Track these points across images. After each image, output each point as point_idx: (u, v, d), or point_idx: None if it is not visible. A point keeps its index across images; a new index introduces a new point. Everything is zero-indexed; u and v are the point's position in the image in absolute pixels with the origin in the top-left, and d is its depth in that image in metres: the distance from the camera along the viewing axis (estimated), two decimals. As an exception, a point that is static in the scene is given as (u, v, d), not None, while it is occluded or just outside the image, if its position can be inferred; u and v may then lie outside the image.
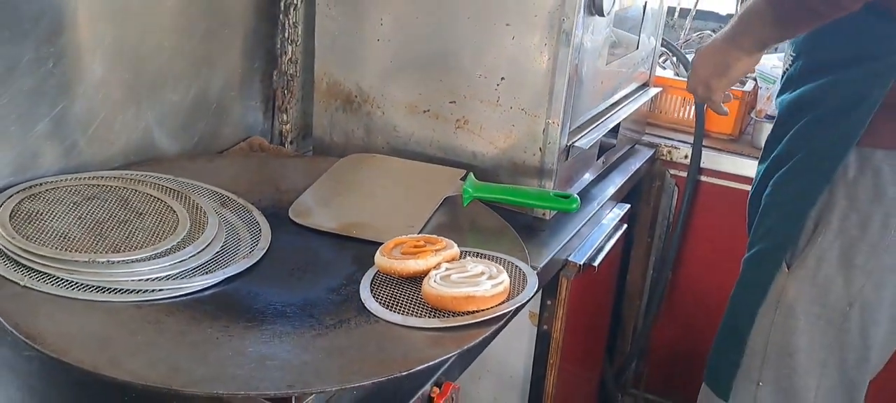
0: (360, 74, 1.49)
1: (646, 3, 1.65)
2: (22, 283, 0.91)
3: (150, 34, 1.31)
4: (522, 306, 1.00)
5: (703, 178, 1.99)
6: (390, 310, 0.97)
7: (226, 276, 1.02)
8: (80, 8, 1.16)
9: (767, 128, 1.90)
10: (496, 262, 1.06)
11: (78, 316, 0.88)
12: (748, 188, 1.93)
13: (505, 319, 0.96)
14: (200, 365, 0.82)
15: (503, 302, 0.98)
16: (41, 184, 1.11)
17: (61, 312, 0.88)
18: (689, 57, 2.02)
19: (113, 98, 1.26)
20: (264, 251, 1.11)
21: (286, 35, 1.58)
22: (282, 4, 1.55)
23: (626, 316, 2.17)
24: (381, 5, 1.44)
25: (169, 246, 1.03)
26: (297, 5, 1.56)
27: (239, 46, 1.51)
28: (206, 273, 1.01)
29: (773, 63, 2.00)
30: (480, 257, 1.08)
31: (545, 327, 1.47)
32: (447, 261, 1.04)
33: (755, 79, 2.01)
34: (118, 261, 0.97)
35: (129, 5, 1.25)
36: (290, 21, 1.57)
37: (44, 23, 1.11)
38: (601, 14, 1.33)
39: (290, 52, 1.59)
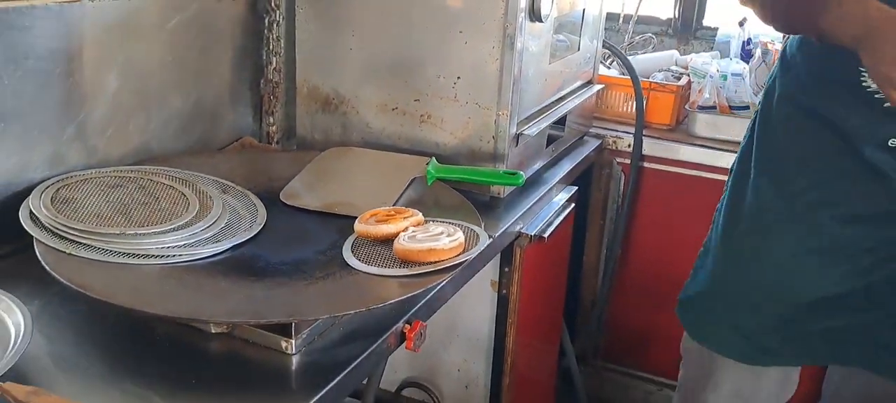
0: (337, 80, 1.72)
1: (584, 9, 1.89)
2: (68, 252, 1.12)
3: (155, 52, 1.53)
4: (474, 258, 1.23)
5: (646, 164, 2.23)
6: (367, 264, 1.20)
7: (231, 244, 1.24)
8: (96, 32, 1.38)
9: (700, 116, 2.17)
10: (454, 226, 1.29)
11: (115, 274, 1.10)
12: (687, 172, 2.20)
13: (460, 266, 1.19)
14: (219, 304, 1.05)
15: (459, 254, 1.21)
16: (72, 177, 1.32)
17: (101, 272, 1.10)
18: (631, 58, 2.28)
19: (126, 106, 1.48)
20: (262, 226, 1.33)
21: (270, 48, 1.80)
22: (266, 21, 1.77)
23: (585, 293, 2.41)
24: (353, 20, 1.67)
25: (183, 222, 1.24)
26: (279, 22, 1.79)
27: (230, 60, 1.73)
28: (216, 242, 1.23)
29: (704, 60, 2.25)
30: (442, 223, 1.31)
31: (504, 291, 1.70)
32: (414, 226, 1.27)
33: (688, 75, 2.27)
34: (144, 233, 1.18)
35: (137, 29, 1.48)
36: (274, 36, 1.80)
37: (68, 46, 1.33)
38: (540, 20, 1.57)
39: (274, 63, 1.81)
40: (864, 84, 1.24)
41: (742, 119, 2.10)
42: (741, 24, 2.31)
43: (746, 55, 2.26)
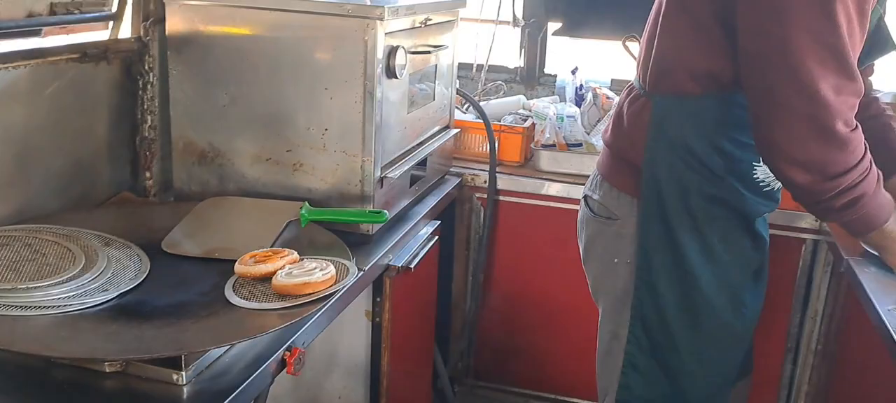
0: (212, 134, 1.85)
1: (436, 64, 2.12)
2: (-39, 308, 1.20)
3: (34, 117, 1.61)
4: (346, 289, 1.40)
5: (501, 198, 2.48)
6: (249, 301, 1.34)
7: (119, 292, 1.35)
8: (-24, 98, 1.46)
9: (544, 153, 2.45)
10: (327, 262, 1.45)
11: (11, 326, 1.19)
12: (536, 202, 2.46)
13: (332, 296, 1.35)
14: (112, 345, 1.16)
15: (332, 286, 1.37)
16: (-44, 240, 1.39)
17: (-2, 325, 1.18)
18: (482, 103, 2.54)
19: (7, 169, 1.55)
20: (146, 274, 1.44)
21: (145, 107, 1.91)
22: (140, 83, 1.88)
23: (455, 317, 2.62)
24: (226, 78, 1.81)
25: (71, 275, 1.34)
26: (152, 83, 1.90)
27: (106, 120, 1.83)
28: (104, 291, 1.33)
29: (545, 104, 2.54)
30: (315, 259, 1.47)
31: (377, 320, 1.87)
32: (290, 264, 1.42)
33: (533, 117, 2.54)
34: (35, 287, 1.27)
35: (16, 96, 1.56)
36: (148, 96, 1.91)
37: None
38: (396, 76, 1.78)
39: (149, 121, 1.92)
40: (755, 175, 1.53)
41: (578, 154, 2.40)
42: (573, 72, 2.62)
43: (579, 99, 2.57)
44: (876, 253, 1.70)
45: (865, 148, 1.40)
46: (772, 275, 2.16)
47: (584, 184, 2.32)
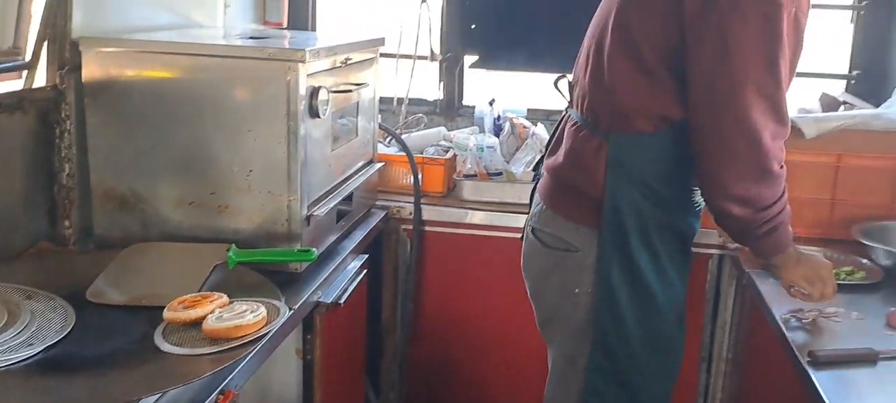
0: (133, 180, 1.84)
1: (357, 101, 2.16)
2: None
3: (-56, 168, 1.57)
4: (277, 330, 1.42)
5: (427, 228, 2.53)
6: (180, 347, 1.34)
7: (45, 346, 1.33)
8: None
9: (466, 183, 2.52)
10: (257, 303, 1.47)
11: (-70, 388, 1.16)
12: (461, 231, 2.52)
13: (264, 337, 1.37)
14: (42, 400, 1.14)
15: (263, 327, 1.39)
16: None
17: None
18: (404, 137, 2.59)
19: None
20: (72, 325, 1.42)
21: (63, 155, 1.88)
22: (57, 131, 1.85)
23: (386, 348, 2.64)
24: (145, 123, 1.81)
25: (-7, 331, 1.32)
26: (69, 131, 1.87)
27: (22, 169, 1.79)
28: (29, 346, 1.31)
29: (465, 135, 2.62)
30: (245, 301, 1.48)
31: (309, 357, 1.89)
32: (220, 307, 1.43)
33: (454, 148, 2.61)
34: (-46, 346, 1.25)
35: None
36: (65, 143, 1.88)
37: None
38: (319, 116, 1.81)
39: (67, 169, 1.89)
40: (693, 199, 1.66)
41: (498, 183, 2.48)
42: (491, 103, 2.71)
43: (497, 129, 2.66)
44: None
45: (785, 184, 1.57)
46: (690, 290, 2.30)
47: (506, 211, 2.45)
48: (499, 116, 2.70)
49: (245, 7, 2.73)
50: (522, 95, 3.06)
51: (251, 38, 2.03)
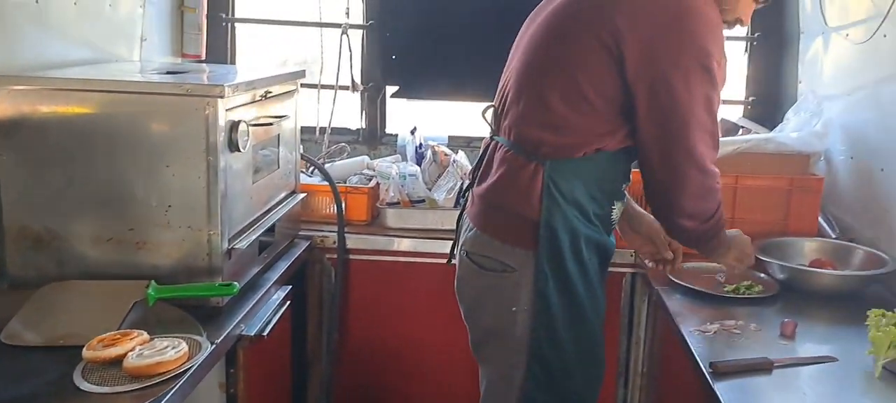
0: (48, 218, 1.81)
1: (278, 133, 2.19)
2: None
3: None
4: (199, 365, 1.43)
5: (352, 257, 2.56)
6: (100, 386, 1.34)
7: (-44, 392, 1.30)
8: None
9: (389, 211, 2.56)
10: (178, 339, 1.47)
11: None
12: (387, 259, 2.56)
13: (186, 373, 1.38)
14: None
15: (185, 363, 1.40)
16: None
17: None
18: (327, 166, 2.62)
19: None
20: (-15, 370, 1.40)
21: (-28, 194, 1.84)
22: (-34, 169, 1.82)
23: (312, 379, 2.65)
24: (60, 160, 1.79)
25: None
26: (-21, 168, 1.84)
27: (-72, 210, 1.74)
28: (-61, 392, 1.29)
29: (388, 163, 2.67)
30: (166, 337, 1.49)
31: (232, 391, 1.89)
32: (140, 345, 1.43)
33: (377, 177, 2.66)
34: None
35: None
36: (-26, 182, 1.84)
37: None
38: (239, 150, 1.83)
39: (-23, 209, 1.85)
40: (611, 217, 1.82)
41: (421, 210, 2.54)
42: (412, 131, 2.77)
43: (419, 157, 2.72)
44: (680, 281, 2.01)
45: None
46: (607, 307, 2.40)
47: (429, 238, 2.51)
48: (421, 144, 2.76)
49: (162, 40, 2.72)
50: (444, 123, 3.14)
51: (169, 72, 2.03)
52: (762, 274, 2.17)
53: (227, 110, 1.77)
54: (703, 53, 1.63)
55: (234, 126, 1.80)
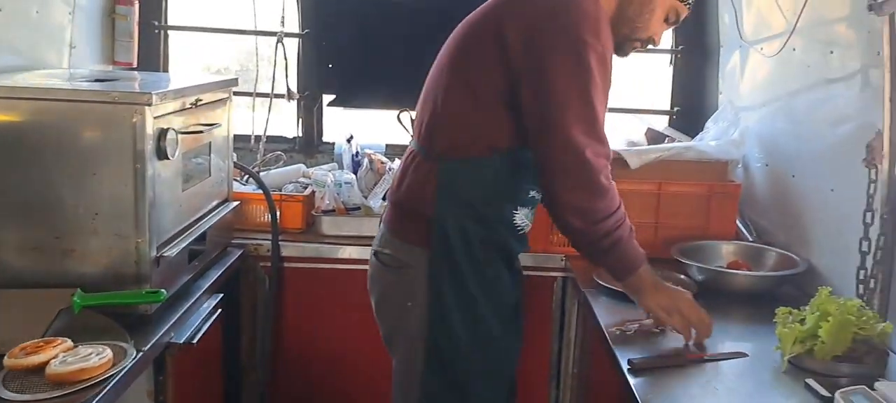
0: (-30, 227, 1.78)
1: (210, 141, 2.20)
2: None
3: None
4: (126, 372, 1.43)
5: (286, 264, 2.57)
6: (22, 394, 1.33)
7: None
8: None
9: (325, 219, 2.58)
10: (103, 346, 1.47)
11: None
12: (323, 266, 2.57)
13: (111, 380, 1.38)
14: None
15: (109, 370, 1.40)
16: None
17: None
18: (262, 174, 2.63)
19: None
20: None
21: None
22: None
23: (247, 386, 2.64)
24: (-17, 168, 1.76)
25: None
26: None
27: None
28: None
29: (324, 171, 2.69)
30: (91, 345, 1.49)
31: (161, 398, 1.88)
32: (64, 352, 1.43)
33: (312, 185, 2.68)
34: None
35: None
36: None
37: None
38: (168, 158, 1.84)
39: None
40: (514, 221, 1.84)
41: (357, 217, 2.57)
42: (349, 140, 2.80)
43: (356, 165, 2.75)
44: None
45: (620, 201, 1.77)
46: (534, 310, 2.46)
47: (365, 245, 2.53)
48: (357, 153, 2.79)
49: (93, 47, 2.69)
50: (382, 131, 3.17)
51: (98, 80, 2.02)
52: (682, 276, 2.26)
53: (155, 118, 1.78)
54: (579, 43, 1.66)
55: (162, 134, 1.81)
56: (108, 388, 1.39)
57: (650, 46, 1.92)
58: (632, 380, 1.68)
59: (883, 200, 1.90)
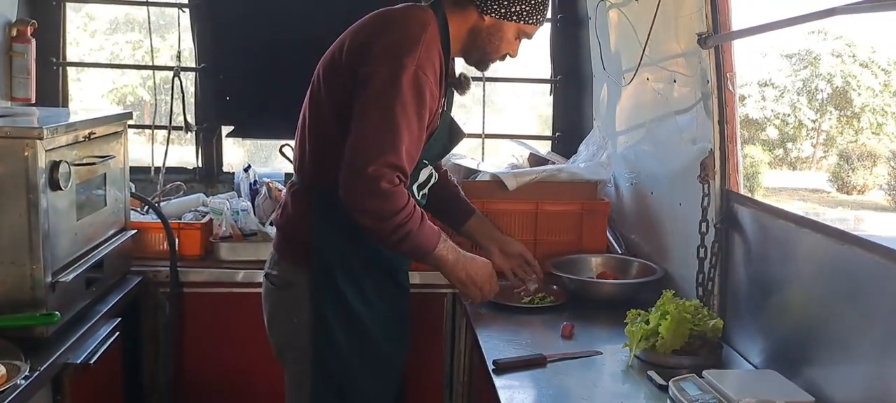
0: None
1: (105, 173, 2.29)
2: None
3: None
4: (22, 389, 1.52)
5: (186, 290, 2.67)
6: (-87, 412, 1.42)
7: None
8: None
9: (222, 245, 2.69)
10: (-3, 365, 1.56)
11: None
12: (221, 291, 2.68)
13: (7, 396, 1.48)
14: None
15: (3, 385, 1.50)
16: None
17: None
18: (163, 204, 2.73)
19: None
20: None
21: None
22: None
23: (150, 410, 2.71)
24: None
25: None
26: None
27: None
28: None
29: (221, 200, 2.81)
30: (-17, 365, 1.57)
31: (57, 419, 1.96)
32: (-44, 372, 1.51)
33: (210, 213, 2.79)
34: None
35: None
36: None
37: None
38: (61, 189, 1.94)
39: None
40: None
41: (253, 243, 2.70)
42: (246, 169, 2.93)
43: (253, 193, 2.88)
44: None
45: (407, 198, 1.86)
46: (427, 324, 2.65)
47: (261, 269, 2.65)
48: (255, 181, 2.92)
49: (-11, 83, 2.75)
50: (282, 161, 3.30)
51: (-7, 116, 2.10)
52: (555, 286, 2.49)
53: (47, 151, 1.88)
54: (396, 63, 1.80)
55: (54, 166, 1.91)
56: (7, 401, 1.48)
57: (509, 58, 2.08)
58: (495, 379, 1.87)
59: (716, 211, 2.17)
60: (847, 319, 1.67)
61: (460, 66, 2.16)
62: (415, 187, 2.04)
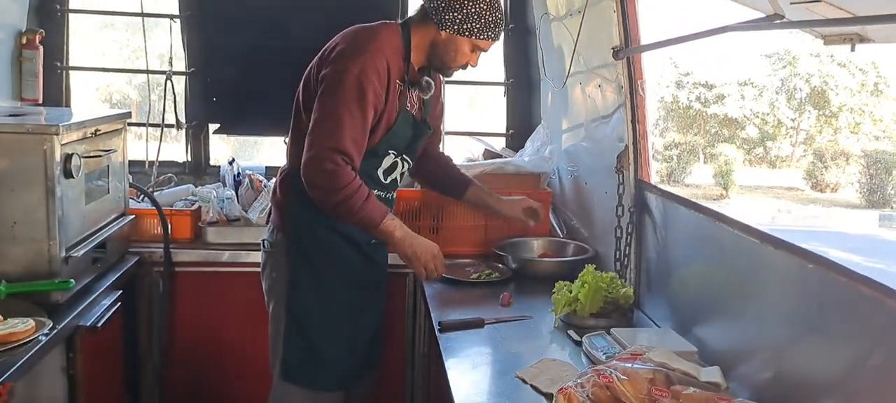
0: None
1: (108, 164, 2.65)
2: None
3: None
4: (45, 341, 1.88)
5: (178, 269, 3.02)
6: (-37, 354, 1.77)
7: None
8: None
9: (209, 229, 3.05)
10: (27, 319, 1.92)
11: None
12: (209, 270, 3.03)
13: (33, 341, 1.83)
14: None
15: (32, 334, 1.85)
16: None
17: None
18: (156, 194, 3.08)
19: None
20: None
21: None
22: None
23: (146, 372, 3.05)
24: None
25: None
26: None
27: None
28: None
29: (209, 190, 3.16)
30: (16, 319, 1.92)
31: (72, 372, 2.31)
32: (-6, 325, 1.87)
33: (199, 201, 3.15)
34: None
35: None
36: None
37: None
38: (73, 177, 2.29)
39: None
40: None
41: (237, 227, 3.06)
42: (230, 163, 3.29)
43: (237, 184, 3.23)
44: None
45: (353, 177, 2.23)
46: (393, 302, 2.99)
47: (244, 250, 3.02)
48: (238, 173, 3.27)
49: (3, 86, 3.09)
50: (264, 154, 3.67)
51: (10, 114, 2.45)
52: (500, 265, 2.86)
53: (62, 145, 2.23)
54: (341, 65, 2.22)
55: (68, 157, 2.26)
56: (34, 350, 1.84)
57: (470, 67, 2.45)
58: (439, 336, 2.25)
59: (630, 198, 2.55)
60: (724, 288, 2.05)
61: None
62: (380, 171, 2.43)
